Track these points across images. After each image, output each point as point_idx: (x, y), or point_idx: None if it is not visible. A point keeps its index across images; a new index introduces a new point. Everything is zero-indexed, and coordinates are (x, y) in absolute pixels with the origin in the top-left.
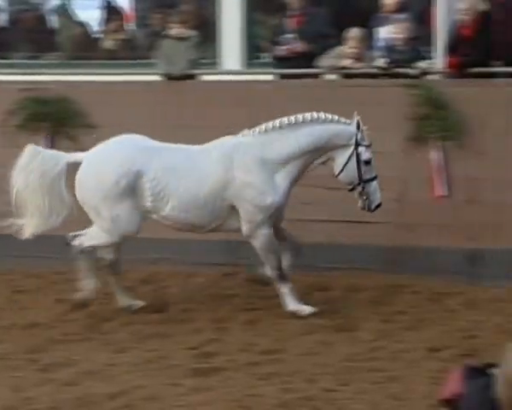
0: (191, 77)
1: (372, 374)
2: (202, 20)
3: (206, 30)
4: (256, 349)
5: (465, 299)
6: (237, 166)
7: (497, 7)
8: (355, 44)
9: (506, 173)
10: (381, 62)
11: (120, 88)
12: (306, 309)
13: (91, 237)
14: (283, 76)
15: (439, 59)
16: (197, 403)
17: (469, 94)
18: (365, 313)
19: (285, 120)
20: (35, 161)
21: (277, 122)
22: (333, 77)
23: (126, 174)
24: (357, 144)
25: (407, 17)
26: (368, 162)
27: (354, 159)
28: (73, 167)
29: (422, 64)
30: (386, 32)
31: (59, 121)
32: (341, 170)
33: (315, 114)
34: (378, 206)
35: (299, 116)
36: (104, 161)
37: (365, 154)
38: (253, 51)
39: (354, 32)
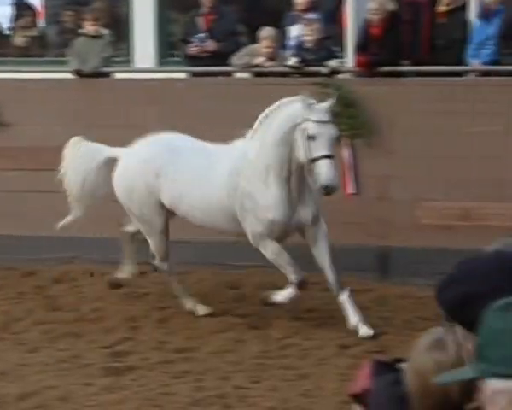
0: (104, 75)
1: (283, 371)
2: (115, 18)
3: (119, 28)
4: (169, 348)
5: (375, 296)
6: (244, 177)
7: (406, 7)
8: (269, 44)
9: (415, 171)
10: (292, 61)
11: (32, 85)
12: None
13: (152, 248)
14: (196, 74)
15: (349, 58)
16: (110, 402)
17: (379, 93)
18: (277, 310)
19: (263, 115)
20: (77, 151)
21: (259, 120)
22: (245, 75)
23: (145, 175)
24: (305, 120)
25: (318, 16)
26: (312, 138)
27: (301, 135)
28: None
29: (333, 63)
30: (298, 31)
31: None
32: (297, 149)
33: (279, 103)
34: (329, 188)
35: (271, 108)
36: (130, 162)
37: (311, 129)
38: (167, 49)
39: (268, 32)
